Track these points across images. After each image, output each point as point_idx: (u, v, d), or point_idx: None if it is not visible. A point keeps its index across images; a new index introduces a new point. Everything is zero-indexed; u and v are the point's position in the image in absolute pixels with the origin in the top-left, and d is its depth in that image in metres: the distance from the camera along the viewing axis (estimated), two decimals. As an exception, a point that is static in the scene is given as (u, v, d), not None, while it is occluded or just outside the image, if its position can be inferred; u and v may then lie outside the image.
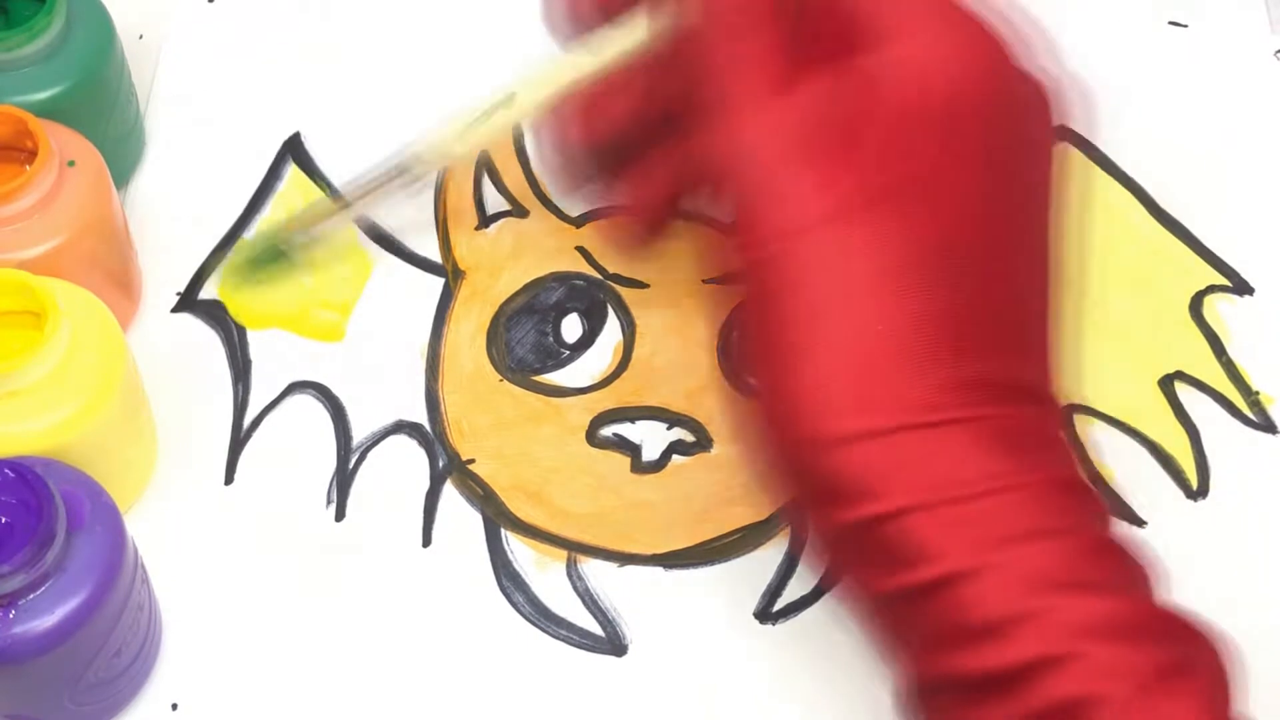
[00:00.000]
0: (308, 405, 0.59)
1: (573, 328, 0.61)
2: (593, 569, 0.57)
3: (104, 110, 0.60)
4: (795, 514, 0.56)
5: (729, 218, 0.45)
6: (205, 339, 0.61)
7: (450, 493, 0.58)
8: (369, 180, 0.56)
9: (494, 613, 0.56)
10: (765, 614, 0.56)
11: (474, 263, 0.62)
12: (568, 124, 0.54)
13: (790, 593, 0.56)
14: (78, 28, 0.58)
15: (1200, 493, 0.59)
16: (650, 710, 0.54)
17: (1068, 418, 0.46)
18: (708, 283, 0.61)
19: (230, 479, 0.58)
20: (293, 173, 0.64)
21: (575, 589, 0.56)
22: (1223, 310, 0.62)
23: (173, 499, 0.57)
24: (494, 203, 0.63)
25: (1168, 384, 0.60)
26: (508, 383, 0.60)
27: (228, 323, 0.61)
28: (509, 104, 0.54)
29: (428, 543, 0.57)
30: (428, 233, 0.63)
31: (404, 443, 0.59)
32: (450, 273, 0.62)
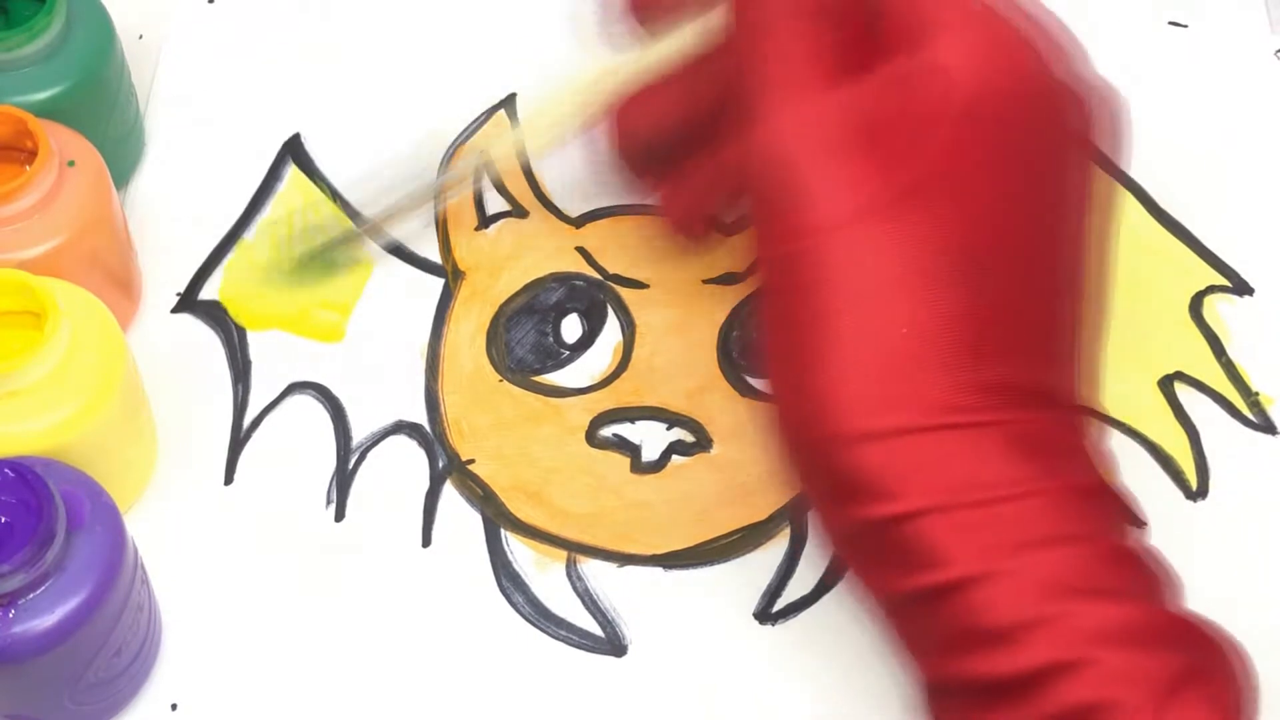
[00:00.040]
0: (308, 405, 0.59)
1: (573, 328, 0.61)
2: (592, 569, 0.57)
3: (104, 110, 0.60)
4: (809, 511, 0.56)
5: (757, 210, 0.45)
6: (205, 339, 0.60)
7: (450, 493, 0.58)
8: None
9: (494, 613, 0.56)
10: (765, 614, 0.56)
11: (474, 263, 0.62)
12: (617, 122, 0.54)
13: (790, 593, 0.56)
14: (78, 28, 0.58)
15: (1200, 493, 0.58)
16: (650, 710, 0.54)
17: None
18: (708, 283, 0.61)
19: (230, 479, 0.58)
20: (293, 173, 0.64)
21: (575, 589, 0.56)
22: (1223, 310, 0.62)
23: (173, 499, 0.57)
24: (494, 203, 0.63)
25: (1167, 384, 0.60)
26: (507, 383, 0.60)
27: (228, 323, 0.61)
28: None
29: (428, 543, 0.57)
30: (428, 233, 0.63)
31: (404, 443, 0.59)
32: (450, 273, 0.62)
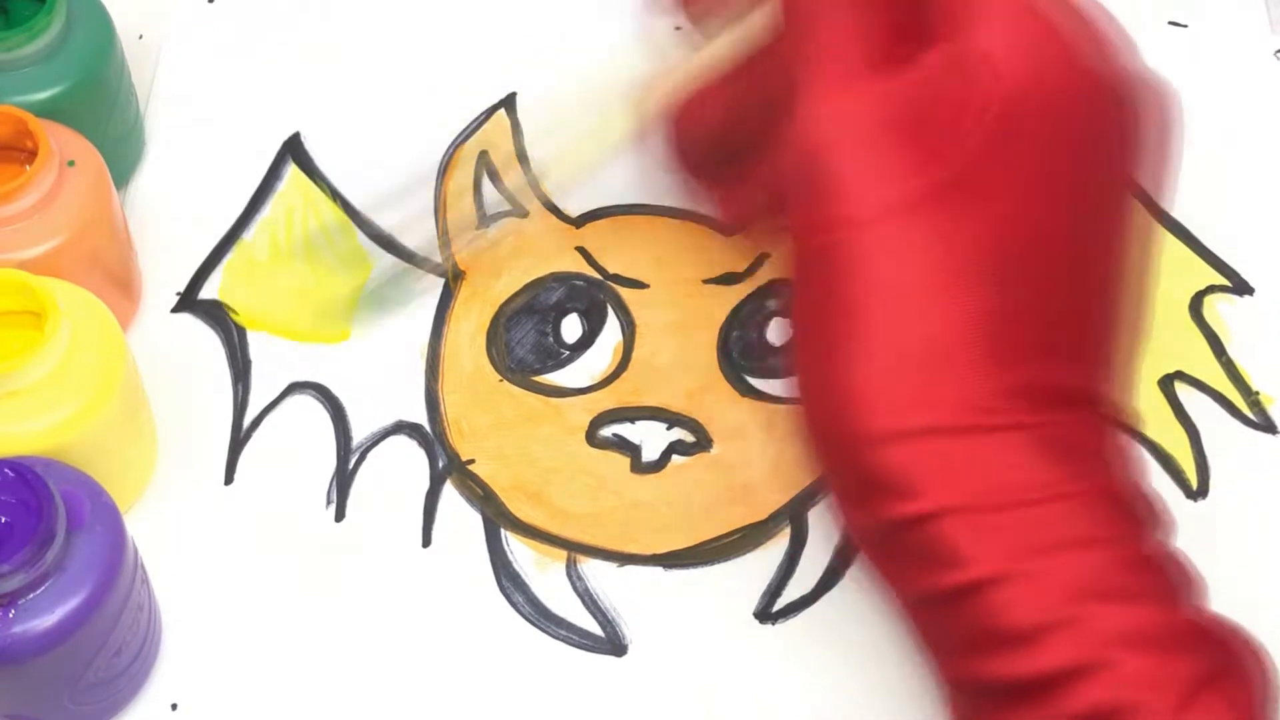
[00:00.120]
0: (308, 405, 0.59)
1: (572, 328, 0.61)
2: (592, 569, 0.57)
3: (104, 110, 0.60)
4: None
5: (793, 200, 0.44)
6: (205, 339, 0.60)
7: (450, 493, 0.58)
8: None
9: (494, 613, 0.56)
10: (765, 614, 0.56)
11: (474, 263, 0.62)
12: (674, 127, 0.54)
13: (790, 593, 0.56)
14: (78, 28, 0.58)
15: (1200, 493, 0.58)
16: (650, 710, 0.54)
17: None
18: (708, 283, 0.61)
19: (230, 479, 0.58)
20: (293, 173, 0.64)
21: (575, 589, 0.56)
22: (1223, 310, 0.62)
23: (173, 499, 0.57)
24: (494, 203, 0.63)
25: (1168, 384, 0.60)
26: (507, 383, 0.60)
27: (228, 323, 0.61)
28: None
29: (428, 543, 0.57)
30: (428, 233, 0.63)
31: (404, 443, 0.59)
32: (450, 273, 0.62)
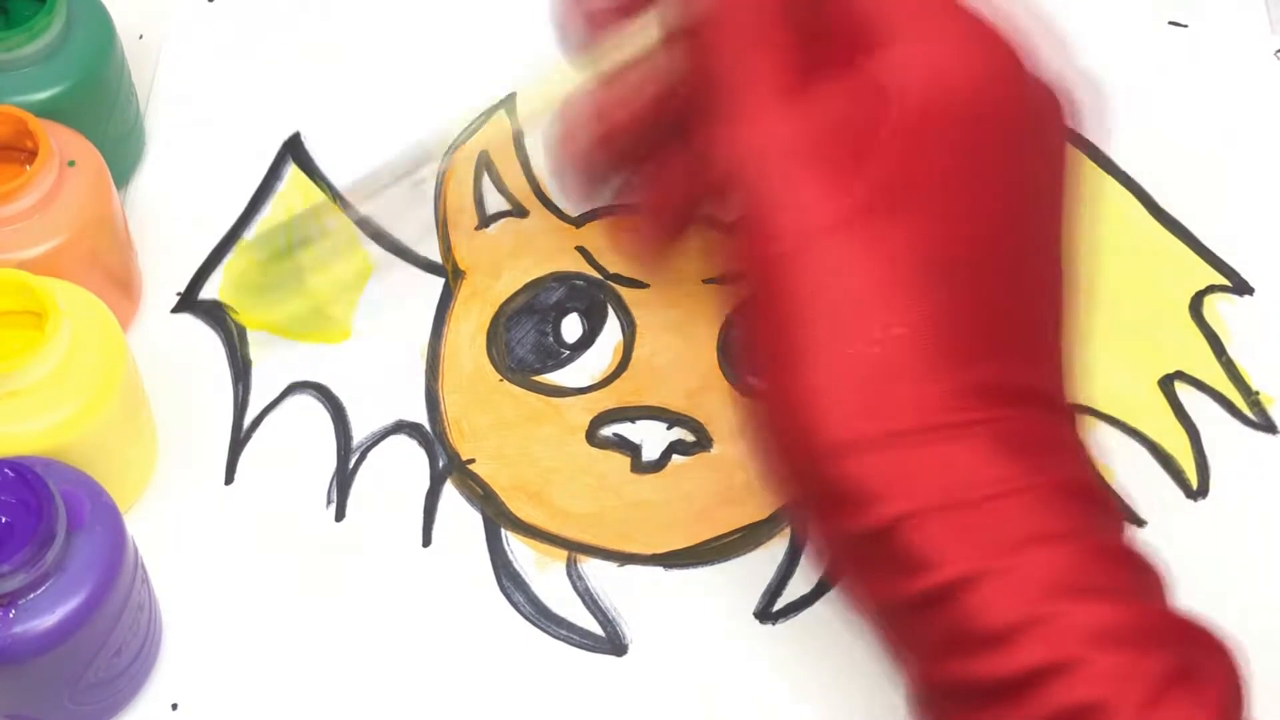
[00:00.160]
0: (308, 405, 0.59)
1: (573, 328, 0.61)
2: (593, 569, 0.57)
3: (104, 110, 0.60)
4: (797, 519, 0.56)
5: (733, 219, 0.45)
6: (205, 339, 0.61)
7: (450, 493, 0.58)
8: (371, 179, 0.57)
9: (494, 613, 0.56)
10: (765, 614, 0.56)
11: (474, 263, 0.62)
12: (580, 129, 0.54)
13: (790, 593, 0.56)
14: (78, 28, 0.58)
15: (1200, 493, 0.58)
16: (650, 710, 0.54)
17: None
18: (708, 283, 0.61)
19: (230, 479, 0.58)
20: (293, 173, 0.64)
21: (575, 589, 0.56)
22: (1223, 310, 0.62)
23: (173, 499, 0.57)
24: (494, 203, 0.63)
25: (1168, 384, 0.60)
26: (508, 383, 0.60)
27: (228, 323, 0.61)
28: (513, 108, 0.54)
29: (428, 543, 0.57)
30: (428, 233, 0.63)
31: (404, 443, 0.59)
32: (450, 273, 0.62)
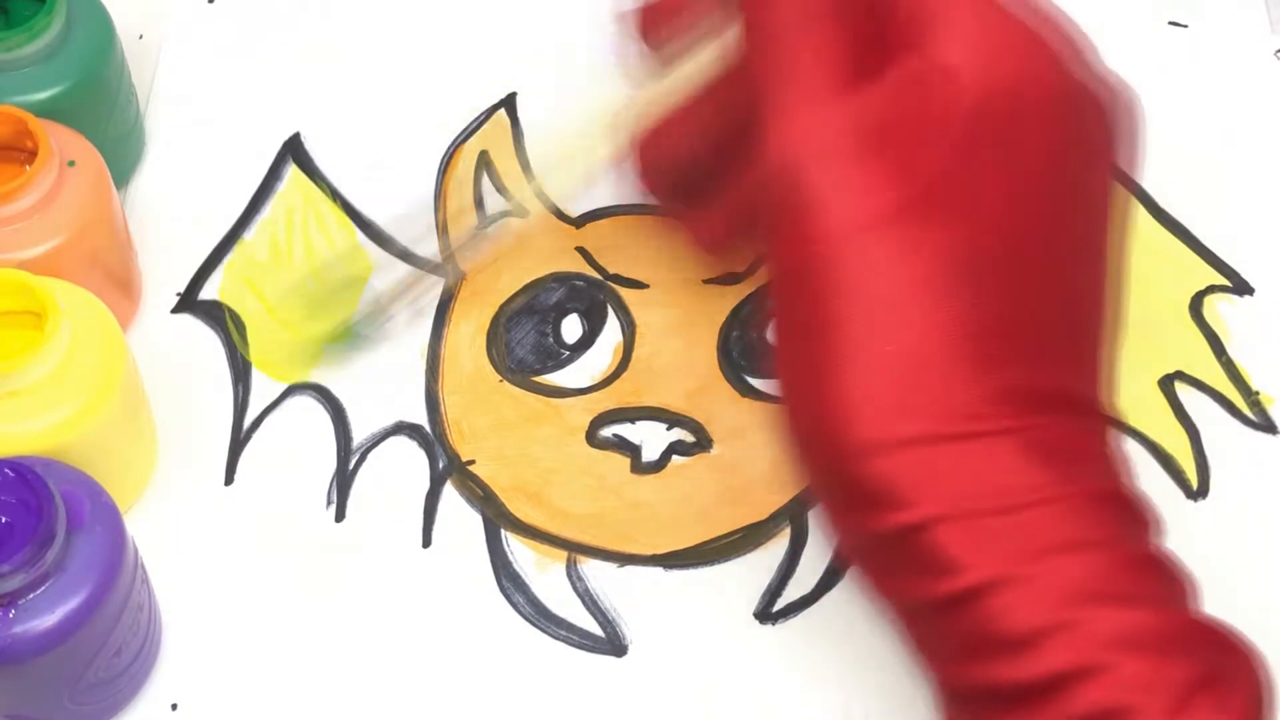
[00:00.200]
0: (308, 406, 0.59)
1: (573, 328, 0.61)
2: (593, 569, 0.57)
3: (104, 110, 0.60)
4: (811, 513, 0.56)
5: (770, 218, 0.45)
6: (205, 339, 0.60)
7: (450, 493, 0.58)
8: (457, 241, 0.57)
9: (494, 613, 0.56)
10: (765, 614, 0.56)
11: (474, 263, 0.62)
12: (640, 157, 0.54)
13: (790, 593, 0.56)
14: (78, 28, 0.58)
15: (1200, 493, 0.58)
16: (650, 710, 0.54)
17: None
18: (708, 283, 0.61)
19: (230, 479, 0.58)
20: (293, 173, 0.64)
21: (575, 589, 0.56)
22: (1223, 310, 0.62)
23: (173, 499, 0.57)
24: (494, 203, 0.63)
25: (1168, 384, 0.60)
26: (508, 383, 0.60)
27: (227, 323, 0.61)
28: (592, 142, 0.54)
29: (428, 543, 0.57)
30: (428, 233, 0.63)
31: (404, 443, 0.59)
32: (450, 273, 0.62)
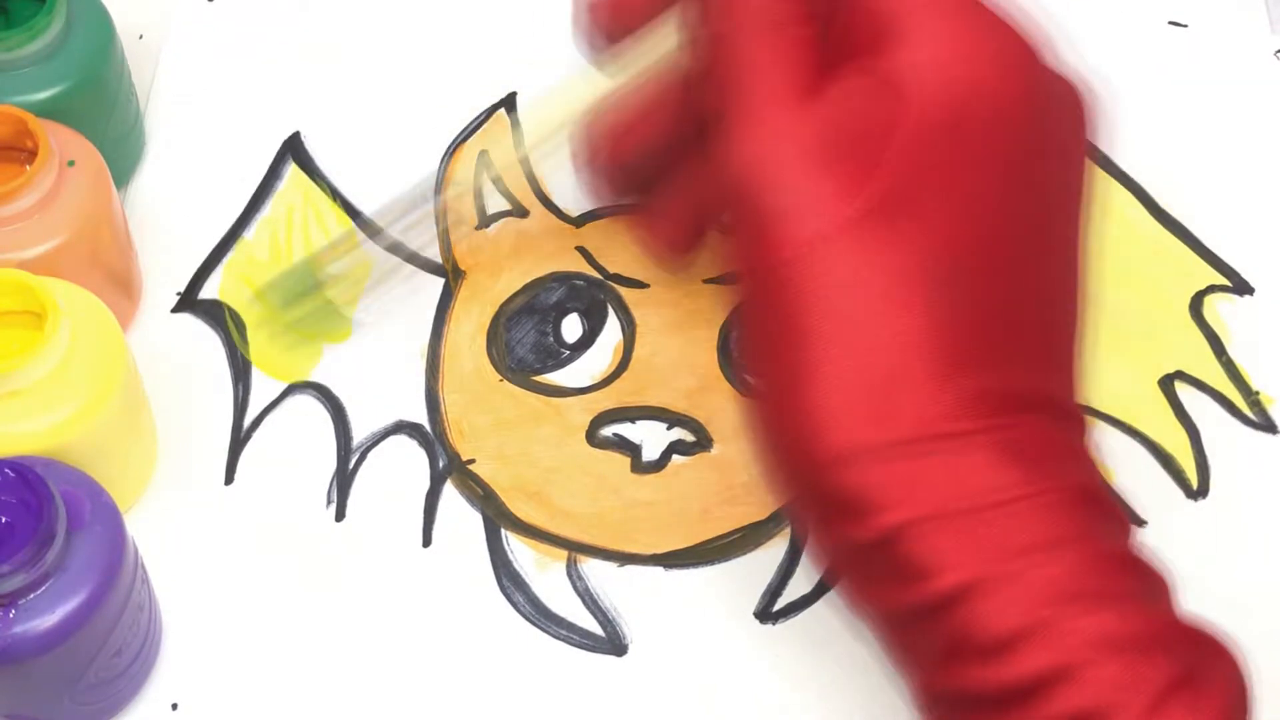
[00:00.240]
0: (308, 405, 0.59)
1: (573, 328, 0.61)
2: (593, 569, 0.57)
3: (104, 110, 0.60)
4: (799, 527, 0.56)
5: (736, 227, 0.44)
6: (205, 339, 0.60)
7: (450, 493, 0.58)
8: (396, 205, 0.57)
9: (494, 613, 0.56)
10: (765, 614, 0.56)
11: (474, 263, 0.62)
12: (600, 141, 0.54)
13: (790, 593, 0.56)
14: (78, 28, 0.58)
15: (1200, 493, 0.58)
16: (650, 710, 0.54)
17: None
18: (708, 283, 0.61)
19: (230, 479, 0.58)
20: (293, 173, 0.64)
21: (575, 589, 0.56)
22: (1223, 310, 0.62)
23: (173, 499, 0.57)
24: (494, 203, 0.63)
25: (1168, 384, 0.60)
26: (508, 383, 0.60)
27: (227, 323, 0.61)
28: (530, 123, 0.54)
29: (428, 543, 0.57)
30: (428, 233, 0.63)
31: (404, 443, 0.59)
32: (450, 273, 0.62)
